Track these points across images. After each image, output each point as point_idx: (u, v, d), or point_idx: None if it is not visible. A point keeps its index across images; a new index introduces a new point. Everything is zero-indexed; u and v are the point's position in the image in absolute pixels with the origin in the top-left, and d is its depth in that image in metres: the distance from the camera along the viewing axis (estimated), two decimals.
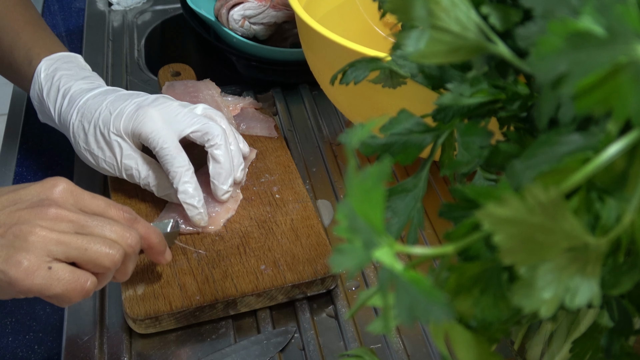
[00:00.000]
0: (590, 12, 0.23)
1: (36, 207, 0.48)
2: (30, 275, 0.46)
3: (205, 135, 0.64)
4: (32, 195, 0.49)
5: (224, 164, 0.64)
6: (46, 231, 0.47)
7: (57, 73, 0.68)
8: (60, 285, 0.47)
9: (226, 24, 0.89)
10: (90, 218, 0.50)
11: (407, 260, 0.56)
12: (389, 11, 0.33)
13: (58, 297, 0.48)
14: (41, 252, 0.46)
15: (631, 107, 0.22)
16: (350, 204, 0.25)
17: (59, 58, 0.70)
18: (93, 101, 0.65)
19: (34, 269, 0.46)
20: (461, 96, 0.34)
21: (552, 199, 0.23)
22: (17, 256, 0.46)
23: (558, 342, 0.43)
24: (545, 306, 0.24)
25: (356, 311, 0.34)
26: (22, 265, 0.45)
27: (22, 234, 0.46)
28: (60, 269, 0.47)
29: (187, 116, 0.64)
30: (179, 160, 0.62)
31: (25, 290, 0.46)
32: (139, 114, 0.63)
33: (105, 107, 0.64)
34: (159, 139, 0.62)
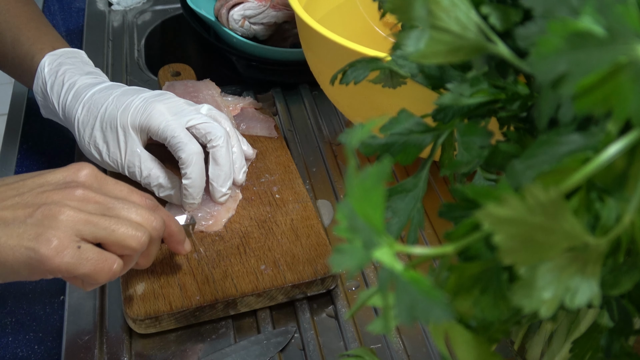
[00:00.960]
0: (590, 12, 0.23)
1: (63, 188, 0.49)
2: (60, 253, 0.46)
3: (208, 135, 0.64)
4: (58, 179, 0.50)
5: (223, 166, 0.64)
6: (74, 211, 0.48)
7: (61, 68, 0.69)
8: (88, 265, 0.47)
9: (226, 24, 0.89)
10: (116, 200, 0.50)
11: (407, 260, 0.56)
12: (389, 11, 0.33)
13: (85, 277, 0.48)
14: (70, 231, 0.47)
15: (631, 107, 0.22)
16: (350, 204, 0.25)
17: (62, 53, 0.70)
18: (99, 95, 0.65)
19: (64, 247, 0.46)
20: (461, 96, 0.34)
21: (552, 199, 0.23)
22: (46, 234, 0.46)
23: (558, 342, 0.43)
24: (545, 306, 0.24)
25: (356, 311, 0.34)
26: (52, 244, 0.46)
27: (51, 214, 0.47)
28: (89, 249, 0.48)
29: (192, 112, 0.65)
30: (190, 147, 0.62)
31: (54, 268, 0.47)
32: (146, 108, 0.63)
33: (111, 102, 0.64)
34: (168, 130, 0.62)
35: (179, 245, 0.57)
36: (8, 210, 0.48)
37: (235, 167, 0.67)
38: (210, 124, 0.64)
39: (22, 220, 0.47)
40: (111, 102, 0.64)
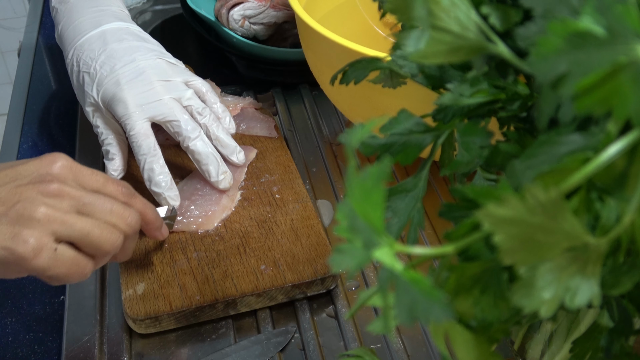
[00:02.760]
0: (590, 12, 0.23)
1: (37, 183, 0.48)
2: (37, 254, 0.46)
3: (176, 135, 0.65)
4: (31, 171, 0.49)
5: (205, 159, 0.65)
6: (50, 210, 0.47)
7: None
8: (62, 268, 0.47)
9: (226, 24, 0.89)
10: (91, 196, 0.50)
11: (407, 260, 0.56)
12: (389, 11, 0.33)
13: (57, 277, 0.48)
14: (46, 231, 0.46)
15: (631, 107, 0.22)
16: (350, 204, 0.25)
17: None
18: (89, 48, 0.66)
19: (41, 249, 0.46)
20: (461, 96, 0.34)
21: (552, 199, 0.23)
22: (23, 234, 0.46)
23: (558, 342, 0.43)
24: (545, 306, 0.24)
25: (356, 311, 0.34)
26: (29, 244, 0.45)
27: (26, 212, 0.46)
28: (64, 252, 0.47)
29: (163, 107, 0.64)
30: (143, 147, 0.63)
31: (30, 269, 0.46)
32: (115, 94, 0.63)
33: (93, 66, 0.65)
34: (127, 124, 0.63)
35: (155, 232, 0.57)
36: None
37: (227, 151, 0.67)
38: (177, 122, 0.64)
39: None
40: (92, 65, 0.65)
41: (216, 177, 0.66)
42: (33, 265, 0.46)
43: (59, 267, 0.47)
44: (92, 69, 0.65)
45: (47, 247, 0.46)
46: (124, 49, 0.66)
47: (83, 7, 0.68)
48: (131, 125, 0.63)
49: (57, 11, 0.69)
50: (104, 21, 0.68)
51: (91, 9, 0.68)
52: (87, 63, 0.65)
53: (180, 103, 0.65)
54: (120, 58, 0.65)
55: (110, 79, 0.64)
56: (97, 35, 0.67)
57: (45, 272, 0.47)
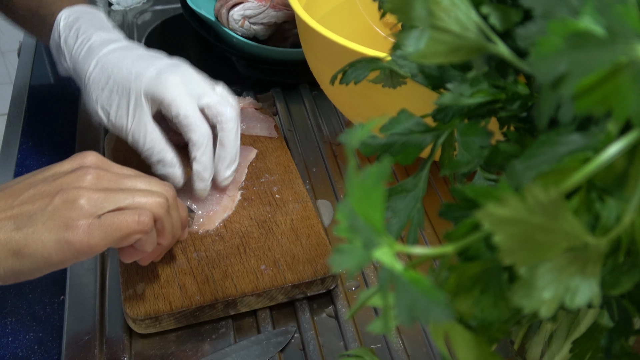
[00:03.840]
0: (590, 12, 0.23)
1: (74, 172, 0.50)
2: (87, 233, 0.47)
3: (219, 116, 0.63)
4: (66, 168, 0.51)
5: (231, 149, 0.64)
6: (91, 191, 0.49)
7: (77, 22, 0.68)
8: (115, 230, 0.48)
9: (226, 24, 0.89)
10: (127, 176, 0.52)
11: (407, 260, 0.56)
12: (389, 11, 0.33)
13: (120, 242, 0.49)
14: (92, 210, 0.48)
15: (631, 107, 0.22)
16: (350, 204, 0.25)
17: (81, 9, 0.70)
18: (114, 55, 0.65)
19: (88, 226, 0.48)
20: (461, 96, 0.34)
21: (552, 199, 0.23)
22: (71, 221, 0.47)
23: (558, 342, 0.43)
24: (545, 306, 0.24)
25: (356, 311, 0.34)
26: (79, 227, 0.47)
27: (70, 198, 0.48)
28: (109, 215, 0.49)
29: (206, 87, 0.64)
30: (202, 129, 0.62)
31: (86, 248, 0.48)
32: (161, 79, 0.62)
33: (126, 66, 0.63)
34: (180, 105, 0.62)
35: (182, 230, 0.57)
36: (27, 204, 0.48)
37: None
38: (223, 105, 0.63)
39: (43, 209, 0.48)
40: (125, 66, 0.63)
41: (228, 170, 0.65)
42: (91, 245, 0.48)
43: (112, 232, 0.48)
44: (124, 69, 0.63)
45: (94, 223, 0.48)
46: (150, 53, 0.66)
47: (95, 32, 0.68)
48: (184, 106, 0.61)
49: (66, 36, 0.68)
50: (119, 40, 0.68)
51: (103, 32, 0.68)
52: (118, 65, 0.64)
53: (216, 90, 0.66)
54: (152, 56, 0.65)
55: (150, 70, 0.63)
56: (121, 46, 0.66)
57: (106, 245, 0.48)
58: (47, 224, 0.47)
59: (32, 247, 0.47)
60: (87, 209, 0.48)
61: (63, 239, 0.47)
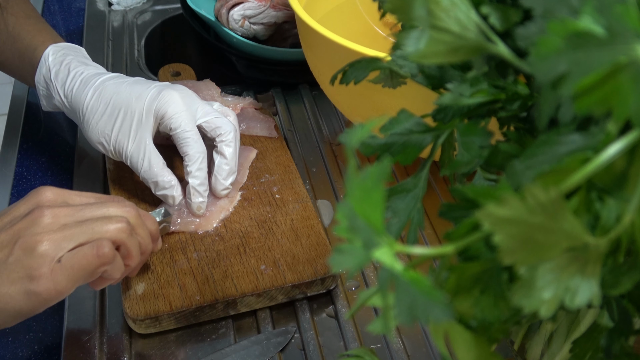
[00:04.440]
0: (590, 12, 0.23)
1: (30, 216, 0.48)
2: (51, 280, 0.47)
3: (218, 129, 0.65)
4: (22, 210, 0.50)
5: (230, 160, 0.66)
6: (50, 234, 0.47)
7: (66, 58, 0.69)
8: (78, 269, 0.47)
9: (226, 24, 0.89)
10: (84, 205, 0.51)
11: (407, 260, 0.56)
12: (389, 11, 0.33)
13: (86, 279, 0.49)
14: (55, 255, 0.47)
15: (631, 107, 0.22)
16: (350, 204, 0.25)
17: (65, 46, 0.71)
18: (110, 82, 0.66)
19: (51, 273, 0.47)
20: (461, 96, 0.34)
21: (552, 199, 0.23)
22: (33, 270, 0.46)
23: (558, 342, 0.43)
24: (545, 306, 0.24)
25: (356, 311, 0.34)
26: (42, 276, 0.46)
27: (29, 246, 0.47)
28: (67, 256, 0.47)
29: (204, 105, 0.66)
30: (198, 145, 0.64)
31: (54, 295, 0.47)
32: (163, 95, 0.64)
33: (124, 90, 0.65)
34: (181, 121, 0.64)
35: (154, 243, 0.57)
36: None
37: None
38: (221, 119, 0.66)
39: (4, 261, 0.47)
40: (124, 89, 0.65)
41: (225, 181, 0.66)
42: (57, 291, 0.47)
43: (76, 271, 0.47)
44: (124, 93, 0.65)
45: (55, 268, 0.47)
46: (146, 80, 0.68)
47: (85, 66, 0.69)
48: (185, 124, 0.64)
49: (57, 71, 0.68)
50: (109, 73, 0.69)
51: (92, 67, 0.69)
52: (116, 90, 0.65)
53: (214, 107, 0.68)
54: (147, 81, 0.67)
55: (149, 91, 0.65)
56: (113, 76, 0.68)
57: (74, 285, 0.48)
58: (10, 276, 0.46)
59: (2, 302, 0.46)
60: (48, 254, 0.47)
61: (29, 291, 0.46)
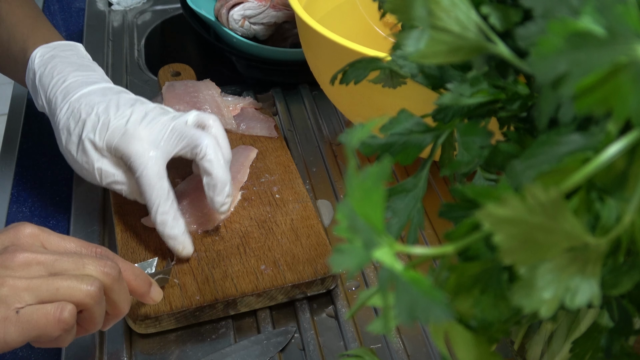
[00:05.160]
0: (590, 12, 0.23)
1: (1, 255, 0.46)
2: (4, 330, 0.43)
3: (194, 149, 0.60)
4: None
5: (216, 174, 0.60)
6: (15, 280, 0.44)
7: (52, 60, 0.65)
8: (33, 327, 0.44)
9: (226, 24, 0.89)
10: (61, 255, 0.47)
11: (407, 260, 0.56)
12: (389, 11, 0.33)
13: (39, 339, 0.45)
14: (13, 302, 0.44)
15: (631, 107, 0.22)
16: (350, 204, 0.25)
17: (56, 46, 0.67)
18: (86, 100, 0.62)
19: (3, 321, 0.43)
20: (461, 96, 0.34)
21: (552, 199, 0.23)
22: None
23: (558, 342, 0.43)
24: (545, 306, 0.24)
25: (356, 311, 0.34)
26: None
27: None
28: (27, 311, 0.44)
29: (175, 133, 0.61)
30: (156, 190, 0.59)
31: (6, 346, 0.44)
32: (126, 132, 0.60)
33: (95, 113, 0.61)
34: (140, 164, 0.59)
35: (142, 298, 0.53)
36: None
37: None
38: (193, 137, 0.61)
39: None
40: (94, 114, 0.61)
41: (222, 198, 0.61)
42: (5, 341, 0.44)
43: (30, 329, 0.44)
44: (93, 115, 0.61)
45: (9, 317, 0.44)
46: (125, 100, 0.63)
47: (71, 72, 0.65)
48: (144, 163, 0.59)
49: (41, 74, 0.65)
50: (96, 82, 0.65)
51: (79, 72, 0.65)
52: (87, 111, 0.61)
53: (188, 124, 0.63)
54: (123, 104, 0.62)
55: (117, 119, 0.61)
56: (95, 89, 0.63)
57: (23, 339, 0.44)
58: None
59: None
60: (6, 301, 0.44)
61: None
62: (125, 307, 0.50)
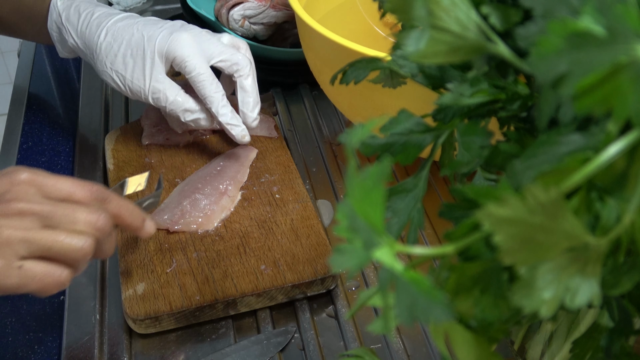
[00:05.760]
0: (590, 12, 0.23)
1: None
2: (3, 277, 0.45)
3: (235, 66, 0.67)
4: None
5: (251, 92, 0.68)
6: (10, 230, 0.46)
7: (74, 1, 0.71)
8: (34, 283, 0.46)
9: (226, 24, 0.89)
10: (55, 207, 0.48)
11: (407, 260, 0.56)
12: (389, 11, 0.33)
13: (34, 293, 0.47)
14: (9, 252, 0.45)
15: (631, 107, 0.22)
16: (350, 204, 0.25)
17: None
18: (122, 23, 0.68)
19: (5, 271, 0.45)
20: (461, 96, 0.34)
21: (552, 199, 0.23)
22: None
23: (558, 342, 0.43)
24: (545, 306, 0.24)
25: (356, 311, 0.34)
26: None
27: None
28: (31, 267, 0.46)
29: (216, 44, 0.67)
30: (215, 86, 0.66)
31: (4, 290, 0.46)
32: (173, 37, 0.66)
33: (137, 30, 0.67)
34: (195, 64, 0.65)
35: (137, 232, 0.55)
36: None
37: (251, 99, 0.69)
38: (234, 54, 0.67)
39: None
40: (137, 30, 0.67)
41: (253, 113, 0.68)
42: (2, 288, 0.45)
43: (30, 283, 0.46)
44: (136, 32, 0.66)
45: (11, 268, 0.45)
46: (156, 19, 0.69)
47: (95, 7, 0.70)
48: (199, 65, 0.65)
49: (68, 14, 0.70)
50: (122, 13, 0.70)
51: (103, 7, 0.70)
52: (129, 31, 0.67)
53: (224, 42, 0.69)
54: (158, 21, 0.68)
55: (161, 30, 0.66)
56: (125, 16, 0.69)
57: (19, 291, 0.46)
58: None
59: None
60: (4, 250, 0.45)
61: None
62: (110, 253, 0.52)
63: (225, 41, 0.69)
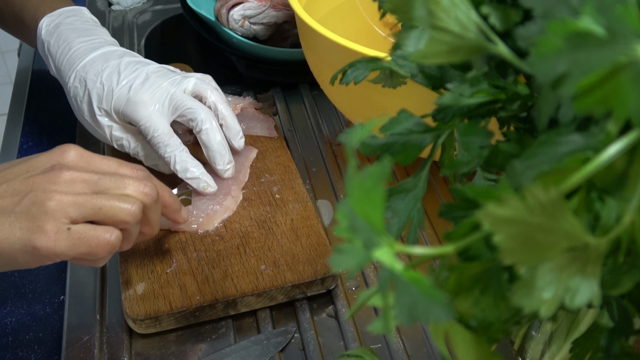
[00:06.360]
0: (590, 12, 0.23)
1: (49, 172, 0.49)
2: (53, 240, 0.47)
3: (191, 122, 0.65)
4: (43, 163, 0.50)
5: (214, 146, 0.65)
6: (61, 195, 0.47)
7: (58, 28, 0.70)
8: (84, 245, 0.48)
9: (226, 24, 0.89)
10: (104, 176, 0.50)
11: (407, 260, 0.56)
12: (389, 11, 0.33)
13: (85, 256, 0.49)
14: (60, 216, 0.47)
15: (631, 107, 0.22)
16: (350, 204, 0.25)
17: (61, 13, 0.71)
18: (91, 67, 0.67)
19: (56, 233, 0.47)
20: (461, 96, 0.34)
21: (552, 199, 0.23)
22: (37, 223, 0.46)
23: (558, 342, 0.43)
24: (545, 306, 0.24)
25: (356, 311, 0.34)
26: (45, 233, 0.46)
27: (38, 200, 0.47)
28: (80, 229, 0.48)
29: (173, 102, 0.65)
30: (171, 145, 0.64)
31: (51, 255, 0.47)
32: (130, 98, 0.65)
33: (99, 82, 0.66)
34: (150, 126, 0.64)
35: (175, 214, 0.58)
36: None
37: (230, 135, 0.68)
38: (190, 109, 0.65)
39: (10, 209, 0.47)
40: (99, 81, 0.66)
41: (223, 166, 0.66)
42: (53, 252, 0.47)
43: (79, 245, 0.48)
44: (98, 84, 0.66)
45: (61, 230, 0.47)
46: (126, 63, 0.68)
47: (75, 39, 0.69)
48: (154, 126, 0.64)
49: (49, 44, 0.70)
50: (99, 47, 0.69)
51: (83, 38, 0.70)
52: (93, 80, 0.66)
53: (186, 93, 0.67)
54: (124, 69, 0.67)
55: (120, 86, 0.65)
56: (97, 56, 0.68)
57: (69, 255, 0.48)
58: (13, 224, 0.46)
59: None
60: (55, 214, 0.47)
61: (29, 243, 0.46)
62: (157, 227, 0.55)
63: (189, 90, 0.67)
